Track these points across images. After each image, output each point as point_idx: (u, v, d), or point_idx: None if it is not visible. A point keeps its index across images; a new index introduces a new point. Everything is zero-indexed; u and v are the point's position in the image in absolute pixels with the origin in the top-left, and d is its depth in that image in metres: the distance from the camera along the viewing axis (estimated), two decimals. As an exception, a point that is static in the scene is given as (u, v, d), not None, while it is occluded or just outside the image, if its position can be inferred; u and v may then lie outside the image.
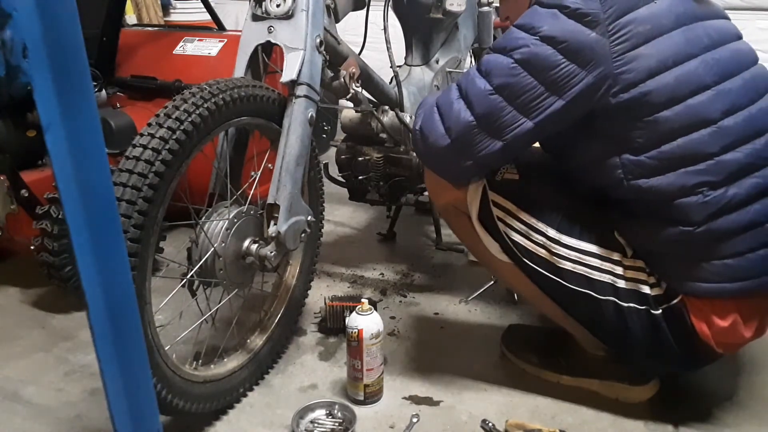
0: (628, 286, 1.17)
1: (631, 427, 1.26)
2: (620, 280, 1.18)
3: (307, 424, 1.26)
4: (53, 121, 0.65)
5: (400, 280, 1.89)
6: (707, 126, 1.06)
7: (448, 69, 2.10)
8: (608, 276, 1.18)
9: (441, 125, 1.18)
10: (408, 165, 1.82)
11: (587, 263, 1.19)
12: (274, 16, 1.31)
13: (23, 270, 1.91)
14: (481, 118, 1.13)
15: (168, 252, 1.87)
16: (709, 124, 1.06)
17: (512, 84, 1.10)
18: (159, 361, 1.10)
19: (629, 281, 1.18)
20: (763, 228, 1.09)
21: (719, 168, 1.06)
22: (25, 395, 1.37)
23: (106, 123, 1.88)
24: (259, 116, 1.28)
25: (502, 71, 1.11)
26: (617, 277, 1.18)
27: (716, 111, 1.06)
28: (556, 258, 1.20)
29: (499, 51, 1.13)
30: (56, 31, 0.63)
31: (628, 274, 1.18)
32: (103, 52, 2.15)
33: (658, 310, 1.16)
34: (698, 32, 1.10)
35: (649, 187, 1.09)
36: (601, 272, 1.18)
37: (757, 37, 3.08)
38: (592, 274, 1.18)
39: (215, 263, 1.20)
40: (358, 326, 1.29)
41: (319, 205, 1.55)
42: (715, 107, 1.07)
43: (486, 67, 1.14)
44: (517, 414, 1.30)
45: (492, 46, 1.17)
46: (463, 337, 1.58)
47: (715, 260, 1.10)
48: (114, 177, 1.02)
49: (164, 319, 1.38)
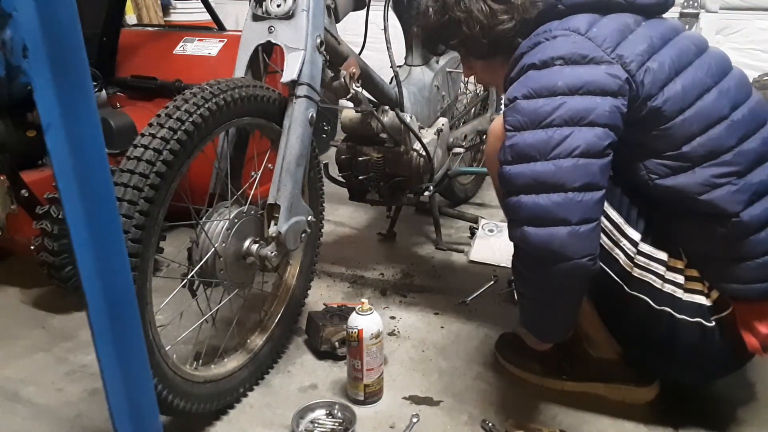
0: (686, 297, 1.17)
1: (631, 427, 1.26)
2: (680, 290, 1.17)
3: (307, 424, 1.26)
4: (53, 121, 0.65)
5: (400, 280, 1.89)
6: (721, 122, 1.10)
7: (448, 69, 2.10)
8: (670, 286, 1.17)
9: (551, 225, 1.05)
10: (408, 165, 1.82)
11: (656, 271, 1.17)
12: (275, 16, 1.31)
13: (23, 270, 1.91)
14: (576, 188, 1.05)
15: (168, 252, 1.87)
16: (722, 119, 1.10)
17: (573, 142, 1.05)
18: (159, 361, 1.10)
19: (688, 292, 1.17)
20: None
21: (741, 157, 1.10)
22: (25, 395, 1.37)
23: (106, 123, 1.88)
24: (260, 116, 1.28)
25: (549, 143, 1.05)
26: (678, 287, 1.17)
27: (725, 107, 1.10)
28: (629, 261, 1.17)
29: (526, 128, 1.08)
30: (56, 31, 0.63)
31: (688, 285, 1.17)
32: (103, 52, 2.15)
33: (711, 322, 1.16)
34: (684, 43, 1.15)
35: (675, 185, 1.11)
36: (665, 282, 1.17)
37: (757, 37, 3.08)
38: (656, 282, 1.16)
39: (216, 263, 1.20)
40: (358, 326, 1.29)
41: (319, 205, 1.55)
42: (722, 104, 1.10)
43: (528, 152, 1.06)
44: (517, 414, 1.30)
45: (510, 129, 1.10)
46: (463, 337, 1.58)
47: (760, 257, 1.11)
48: (115, 177, 1.02)
49: (165, 319, 1.38)
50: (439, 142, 1.96)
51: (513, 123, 1.10)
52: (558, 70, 1.08)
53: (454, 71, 2.13)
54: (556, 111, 1.06)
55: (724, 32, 3.16)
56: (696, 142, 1.09)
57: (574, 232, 1.05)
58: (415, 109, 1.89)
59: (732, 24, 3.13)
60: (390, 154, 1.81)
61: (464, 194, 2.51)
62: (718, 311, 1.16)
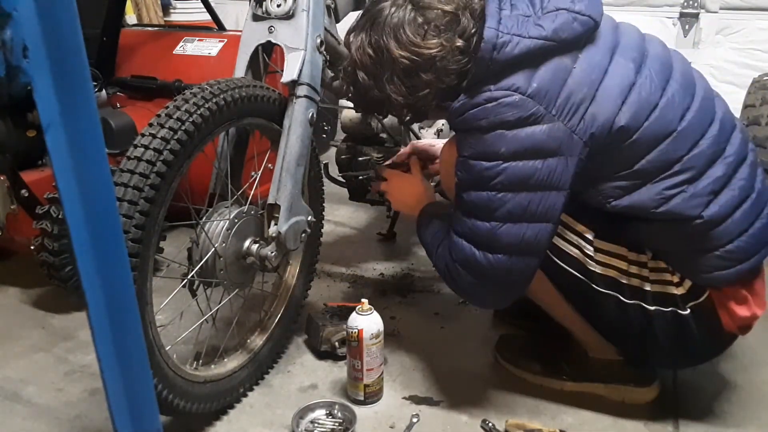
0: (654, 288, 1.18)
1: (631, 427, 1.26)
2: (647, 283, 1.18)
3: (307, 424, 1.26)
4: (53, 121, 0.65)
5: (400, 280, 1.89)
6: (669, 136, 1.10)
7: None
8: (637, 279, 1.18)
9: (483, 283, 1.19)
10: (408, 165, 1.82)
11: (617, 266, 1.18)
12: (275, 16, 1.31)
13: (23, 270, 1.91)
14: (512, 250, 1.14)
15: (168, 252, 1.87)
16: (670, 134, 1.11)
17: (512, 208, 1.11)
18: (160, 361, 1.10)
19: (656, 283, 1.18)
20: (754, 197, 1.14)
21: (692, 162, 1.11)
22: (25, 395, 1.37)
23: (106, 123, 1.88)
24: (260, 116, 1.28)
25: (492, 204, 1.12)
26: (644, 280, 1.18)
27: (672, 122, 1.11)
28: (587, 259, 1.19)
29: (472, 188, 1.14)
30: (56, 31, 0.63)
31: (653, 276, 1.18)
32: (103, 52, 2.15)
33: (685, 310, 1.17)
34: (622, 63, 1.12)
35: (631, 204, 1.12)
36: (630, 276, 1.18)
37: (757, 37, 3.08)
38: (621, 277, 1.18)
39: (216, 263, 1.20)
40: (358, 326, 1.29)
41: (319, 205, 1.55)
42: (668, 119, 1.11)
43: (472, 210, 1.15)
44: (517, 414, 1.30)
45: (458, 190, 1.17)
46: (463, 338, 1.58)
47: (727, 245, 1.12)
48: (115, 177, 1.02)
49: (165, 319, 1.38)
50: (439, 142, 1.96)
51: (461, 178, 1.16)
52: (500, 135, 1.09)
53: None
54: (498, 176, 1.10)
55: (724, 32, 3.16)
56: (645, 160, 1.11)
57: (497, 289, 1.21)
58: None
59: (732, 24, 3.13)
60: (390, 154, 1.81)
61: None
62: (694, 298, 1.17)
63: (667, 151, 1.10)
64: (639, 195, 1.12)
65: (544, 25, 1.09)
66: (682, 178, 1.10)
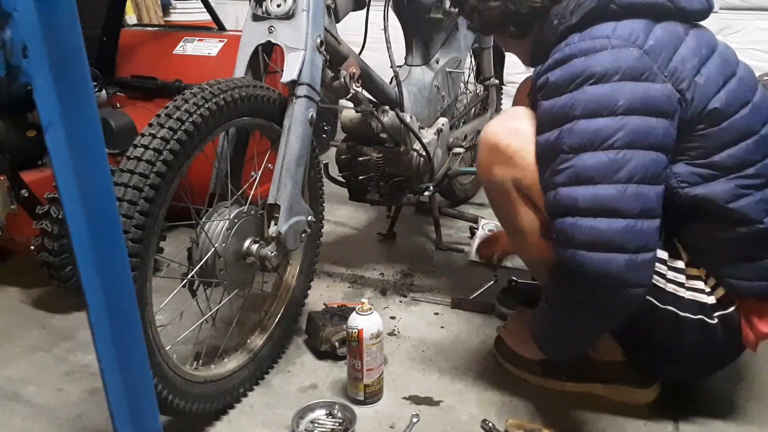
0: (688, 295, 1.17)
1: (631, 427, 1.26)
2: (681, 288, 1.17)
3: (307, 424, 1.26)
4: (53, 121, 0.65)
5: (400, 280, 1.89)
6: (752, 136, 1.11)
7: (448, 69, 2.10)
8: (673, 285, 1.17)
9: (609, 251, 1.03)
10: (408, 165, 1.82)
11: (659, 271, 1.15)
12: (275, 16, 1.31)
13: (23, 270, 1.91)
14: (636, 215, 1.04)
15: (168, 252, 1.87)
16: (753, 134, 1.11)
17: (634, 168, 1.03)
18: (160, 361, 1.10)
19: (690, 291, 1.18)
20: None
21: (762, 172, 1.12)
22: (25, 395, 1.37)
23: (106, 123, 1.88)
24: (260, 116, 1.28)
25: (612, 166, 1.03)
26: (679, 285, 1.17)
27: (758, 123, 1.12)
28: None
29: (587, 149, 1.04)
30: (56, 31, 0.63)
31: (689, 284, 1.18)
32: (103, 52, 2.15)
33: (713, 319, 1.17)
34: (726, 53, 1.16)
35: (706, 193, 1.12)
36: (667, 281, 1.17)
37: (757, 37, 3.08)
38: (659, 282, 1.16)
39: (216, 263, 1.20)
40: (358, 326, 1.29)
41: (319, 205, 1.55)
42: (756, 119, 1.12)
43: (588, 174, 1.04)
44: (517, 414, 1.30)
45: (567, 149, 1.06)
46: (463, 337, 1.58)
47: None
48: (115, 177, 1.02)
49: (165, 319, 1.38)
50: (439, 142, 1.96)
51: (572, 145, 1.06)
52: (618, 87, 1.04)
53: (454, 71, 2.13)
54: (617, 132, 1.03)
55: (724, 32, 3.16)
56: (726, 153, 1.10)
57: (631, 260, 1.03)
58: (415, 109, 1.89)
59: (732, 24, 3.13)
60: (390, 154, 1.81)
61: (464, 194, 2.51)
62: (722, 308, 1.17)
63: (748, 150, 1.10)
64: (716, 186, 1.11)
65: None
66: (753, 182, 1.11)
